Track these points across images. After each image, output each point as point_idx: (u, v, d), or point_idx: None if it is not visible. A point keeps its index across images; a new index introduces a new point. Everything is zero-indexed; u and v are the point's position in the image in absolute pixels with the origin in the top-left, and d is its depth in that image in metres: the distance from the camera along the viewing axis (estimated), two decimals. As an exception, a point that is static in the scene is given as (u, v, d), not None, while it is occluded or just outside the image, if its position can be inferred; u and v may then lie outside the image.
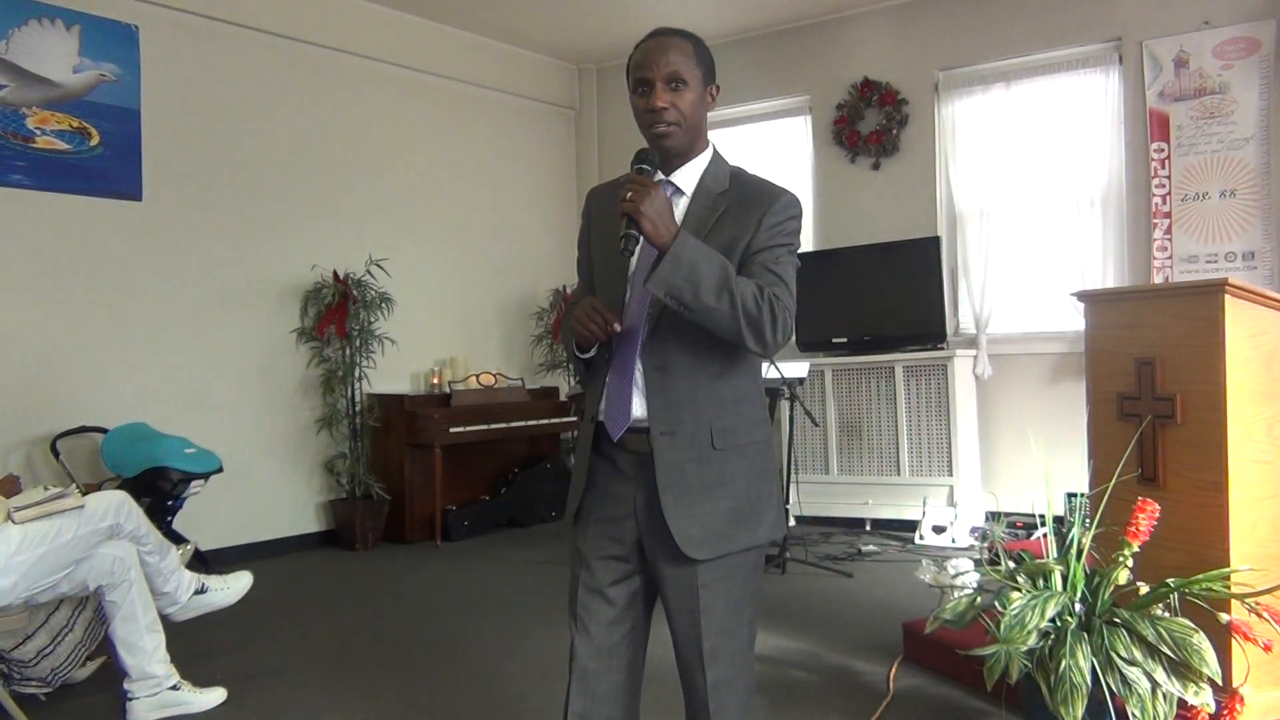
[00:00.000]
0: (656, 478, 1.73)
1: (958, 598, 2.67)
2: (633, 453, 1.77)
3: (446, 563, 5.23)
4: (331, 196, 5.75)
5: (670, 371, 1.74)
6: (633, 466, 1.78)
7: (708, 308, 1.63)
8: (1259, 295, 2.52)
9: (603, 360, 1.81)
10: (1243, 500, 2.45)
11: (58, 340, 4.60)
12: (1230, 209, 5.10)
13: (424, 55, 6.25)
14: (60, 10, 4.60)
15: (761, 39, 6.60)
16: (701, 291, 1.62)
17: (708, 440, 1.74)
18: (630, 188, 1.64)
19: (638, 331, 1.75)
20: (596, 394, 1.82)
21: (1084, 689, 2.14)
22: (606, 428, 1.78)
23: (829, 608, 4.08)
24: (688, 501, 1.73)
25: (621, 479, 1.79)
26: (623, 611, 1.80)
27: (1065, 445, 4.22)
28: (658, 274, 1.62)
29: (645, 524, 1.77)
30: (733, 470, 1.76)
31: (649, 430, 1.74)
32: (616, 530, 1.80)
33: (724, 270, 1.65)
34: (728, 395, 1.78)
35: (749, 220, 1.75)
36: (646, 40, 1.82)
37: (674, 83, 1.75)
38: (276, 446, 5.47)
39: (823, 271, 6.10)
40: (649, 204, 1.62)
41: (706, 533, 1.73)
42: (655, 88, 1.74)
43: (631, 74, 1.80)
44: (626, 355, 1.77)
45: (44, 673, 3.08)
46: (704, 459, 1.74)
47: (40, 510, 2.86)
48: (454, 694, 3.18)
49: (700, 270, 1.62)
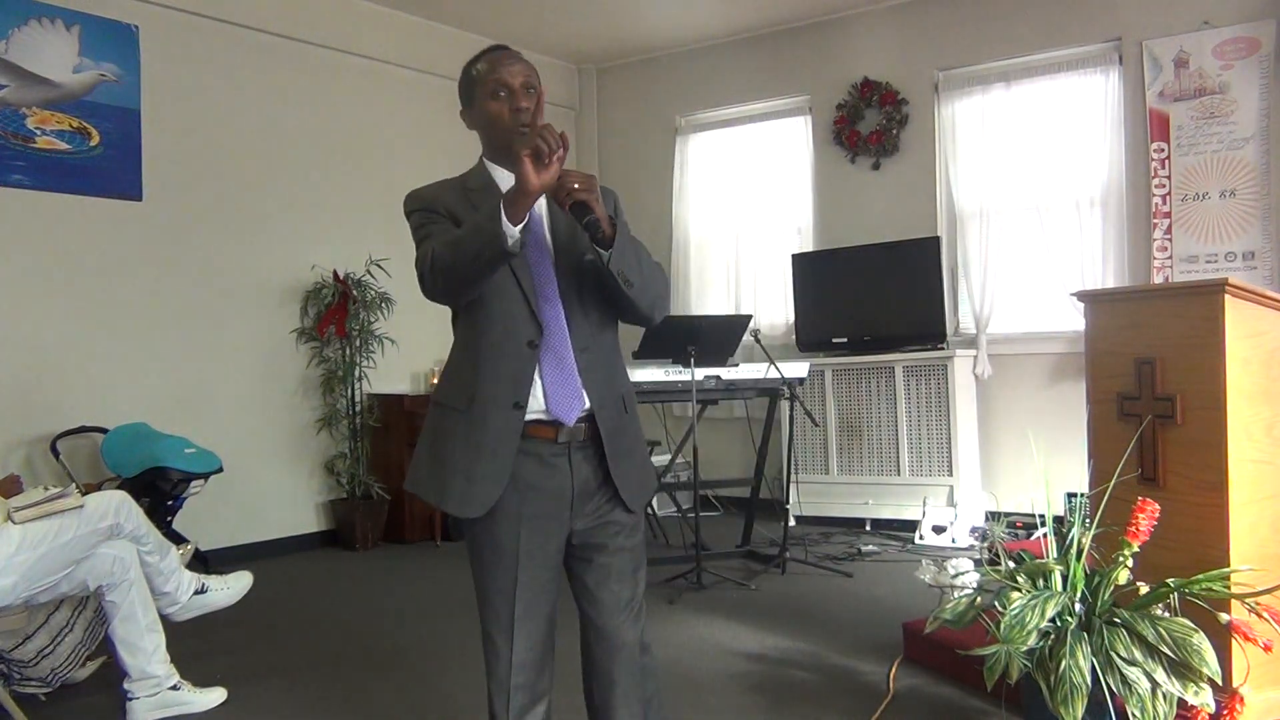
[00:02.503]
0: (605, 449, 1.85)
1: (958, 598, 2.67)
2: (560, 441, 1.82)
3: (446, 563, 5.23)
4: (331, 196, 5.75)
5: (592, 350, 1.85)
6: (560, 451, 1.83)
7: (642, 283, 1.81)
8: (1259, 295, 2.52)
9: (519, 349, 1.80)
10: (1243, 500, 2.45)
11: (58, 340, 4.60)
12: (1230, 209, 5.10)
13: (424, 55, 6.26)
14: (60, 10, 4.60)
15: (761, 39, 6.60)
16: (639, 268, 1.80)
17: (623, 408, 1.92)
18: (576, 178, 1.69)
19: (560, 317, 1.83)
20: (513, 381, 1.79)
21: (1084, 689, 2.14)
22: (556, 416, 1.81)
23: (829, 608, 4.08)
24: (624, 463, 1.89)
25: (550, 471, 1.83)
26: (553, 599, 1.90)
27: (1065, 445, 4.22)
28: (616, 255, 1.74)
29: (577, 498, 1.85)
30: (637, 430, 1.99)
31: (590, 412, 1.83)
32: (554, 525, 1.85)
33: (642, 250, 1.85)
34: (619, 364, 1.97)
35: (608, 205, 1.84)
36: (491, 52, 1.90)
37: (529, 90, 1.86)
38: (276, 446, 5.47)
39: (823, 271, 6.11)
40: (598, 193, 1.72)
41: (637, 487, 1.92)
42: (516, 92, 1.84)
43: (482, 82, 1.85)
44: (558, 341, 1.82)
45: (44, 673, 3.07)
46: (623, 425, 1.91)
47: (40, 510, 2.86)
48: (454, 694, 3.17)
49: (634, 251, 1.81)
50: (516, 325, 1.80)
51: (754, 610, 4.05)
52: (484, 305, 1.81)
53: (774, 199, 6.60)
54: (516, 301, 1.80)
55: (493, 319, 1.81)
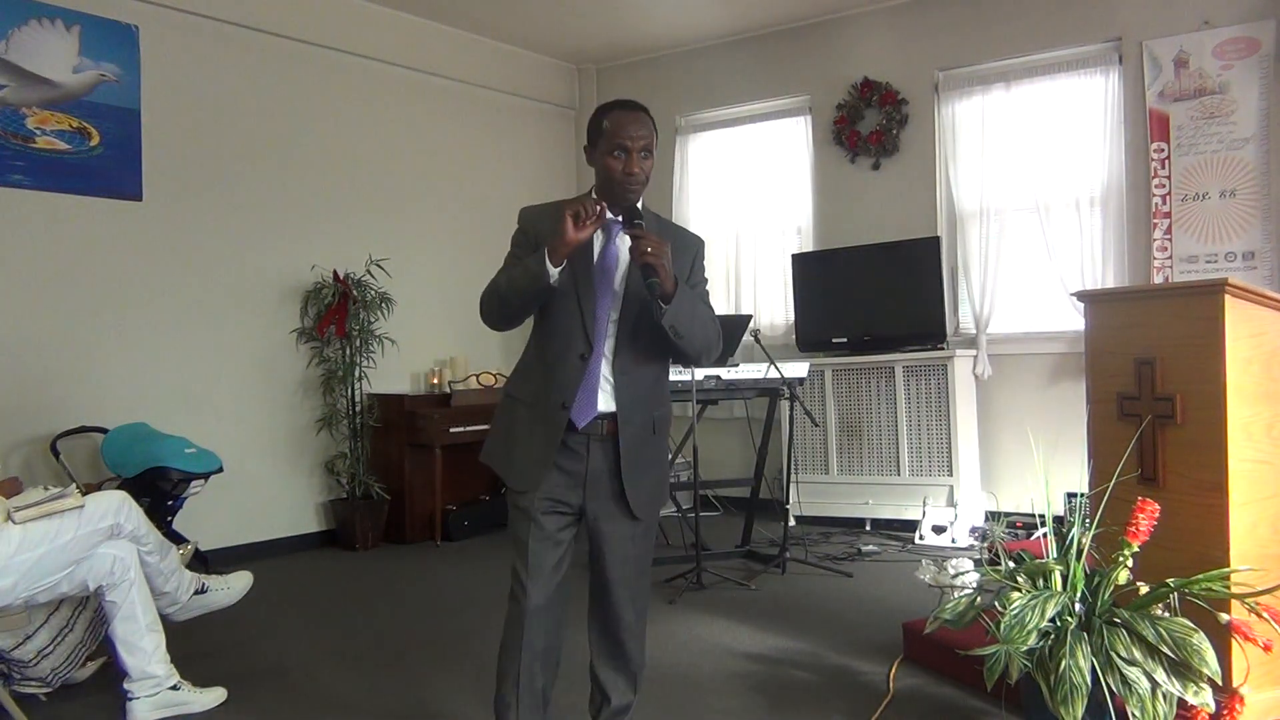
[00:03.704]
0: (620, 456, 2.23)
1: (958, 598, 2.67)
2: (586, 435, 2.22)
3: (446, 563, 5.23)
4: (331, 196, 5.75)
5: (631, 375, 2.24)
6: (584, 446, 2.23)
7: (691, 337, 2.19)
8: (1259, 295, 2.52)
9: (574, 360, 2.21)
10: (1243, 500, 2.45)
11: (58, 340, 4.60)
12: (1230, 209, 5.10)
13: (424, 55, 6.26)
14: (60, 10, 4.60)
15: (761, 39, 6.60)
16: (692, 324, 2.19)
17: (651, 428, 2.29)
18: (650, 243, 2.10)
19: (604, 340, 2.23)
20: (565, 386, 2.21)
21: (1084, 689, 2.15)
22: (571, 417, 2.20)
23: (829, 608, 4.08)
24: (638, 474, 2.25)
25: (572, 457, 2.24)
26: (565, 547, 2.30)
27: (1065, 445, 4.21)
28: (670, 313, 2.13)
29: (592, 491, 2.24)
30: (660, 451, 2.35)
31: (615, 419, 2.22)
32: (566, 495, 2.25)
33: (701, 309, 2.24)
34: (661, 393, 2.36)
35: (685, 260, 2.28)
36: (623, 109, 2.22)
37: (645, 152, 2.19)
38: (276, 446, 5.47)
39: (823, 271, 6.11)
40: (667, 260, 2.10)
41: (648, 498, 2.29)
42: (632, 155, 2.17)
43: (608, 136, 2.19)
44: (594, 361, 2.22)
45: (44, 673, 3.07)
46: (648, 442, 2.29)
47: (40, 510, 2.86)
48: (454, 694, 3.18)
49: (691, 309, 2.19)
50: (573, 341, 2.22)
51: (754, 610, 4.05)
52: (551, 321, 2.25)
53: (774, 199, 6.59)
54: (574, 322, 2.22)
55: (557, 333, 2.25)
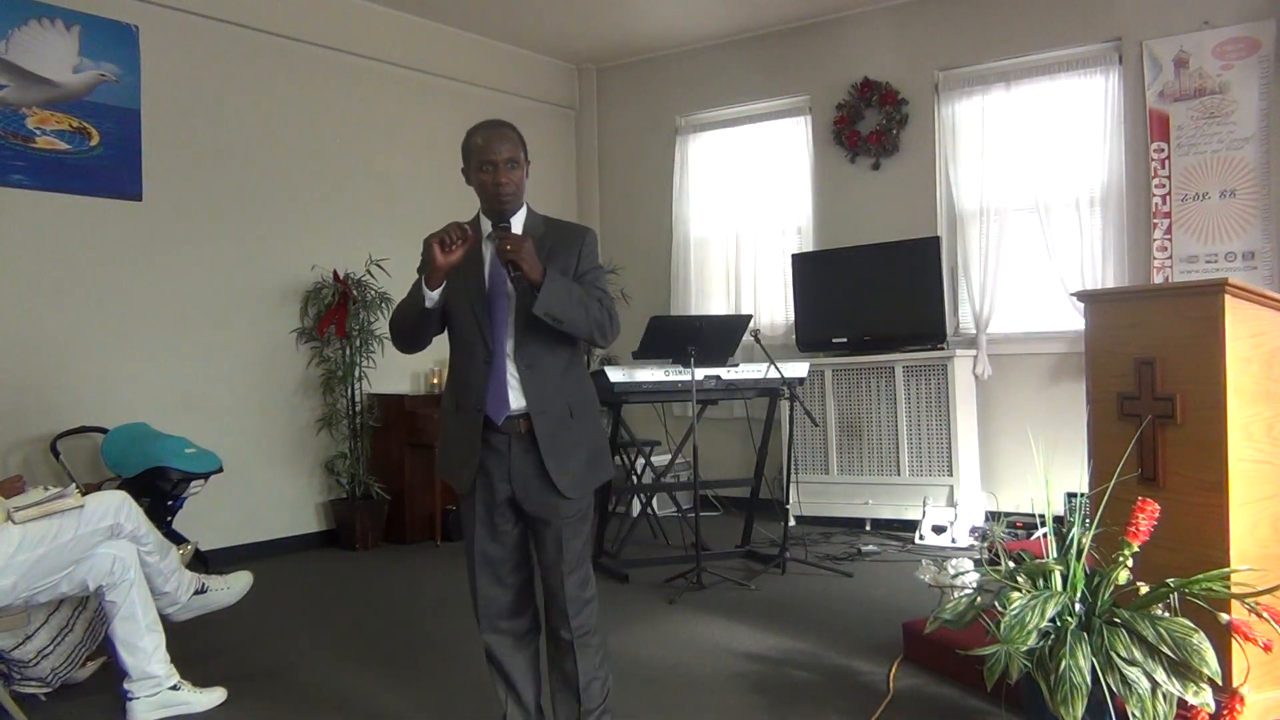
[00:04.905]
0: (539, 446, 2.34)
1: (958, 598, 2.67)
2: (506, 433, 2.35)
3: (446, 563, 5.23)
4: (331, 196, 5.75)
5: (537, 368, 2.36)
6: (506, 444, 2.36)
7: (572, 320, 2.30)
8: (1259, 295, 2.52)
9: (479, 365, 2.35)
10: (1243, 500, 2.45)
11: (58, 340, 4.60)
12: (1230, 209, 5.10)
13: (424, 55, 6.26)
14: (60, 10, 4.60)
15: (761, 39, 6.60)
16: (568, 309, 2.29)
17: (568, 413, 2.39)
18: (508, 240, 2.24)
19: (504, 341, 2.35)
20: (475, 390, 2.36)
21: (1084, 689, 2.14)
22: (489, 415, 2.34)
23: (829, 608, 4.08)
24: (561, 459, 2.36)
25: (496, 455, 2.37)
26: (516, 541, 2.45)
27: (1065, 445, 4.20)
28: (541, 301, 2.24)
29: (517, 481, 2.37)
30: (584, 433, 2.43)
31: (528, 413, 2.34)
32: (498, 491, 2.39)
33: (578, 291, 2.32)
34: (573, 377, 2.44)
35: (570, 252, 2.40)
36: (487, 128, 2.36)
37: (511, 164, 2.34)
38: (276, 446, 5.47)
39: (822, 271, 6.11)
40: (525, 253, 2.22)
41: (576, 479, 2.38)
42: (499, 167, 2.32)
43: (476, 154, 2.34)
44: (499, 360, 2.35)
45: (44, 673, 3.07)
46: (566, 427, 2.39)
47: (40, 510, 2.86)
48: (454, 694, 3.18)
49: (565, 294, 2.28)
50: (475, 348, 2.37)
51: (754, 610, 4.05)
52: (457, 333, 2.42)
53: (774, 199, 6.59)
54: (474, 330, 2.37)
55: (463, 343, 2.41)
